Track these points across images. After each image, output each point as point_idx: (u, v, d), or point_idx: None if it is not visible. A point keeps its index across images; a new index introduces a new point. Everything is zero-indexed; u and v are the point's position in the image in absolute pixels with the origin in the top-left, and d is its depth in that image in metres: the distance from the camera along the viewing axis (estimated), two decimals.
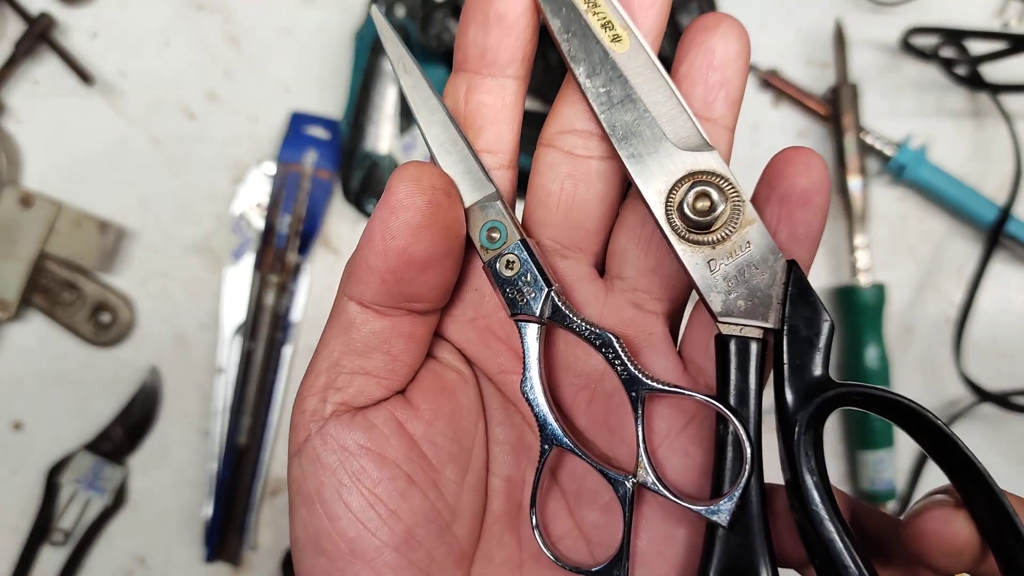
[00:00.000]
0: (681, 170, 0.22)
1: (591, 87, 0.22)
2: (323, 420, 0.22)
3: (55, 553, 0.61)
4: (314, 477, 0.22)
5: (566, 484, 0.24)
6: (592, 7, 0.22)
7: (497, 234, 0.23)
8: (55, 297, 0.61)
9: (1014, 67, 0.61)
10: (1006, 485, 0.65)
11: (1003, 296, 0.64)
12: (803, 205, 0.22)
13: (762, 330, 0.21)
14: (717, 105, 0.23)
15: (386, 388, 0.22)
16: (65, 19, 0.63)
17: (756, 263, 0.21)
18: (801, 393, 0.21)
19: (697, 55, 0.22)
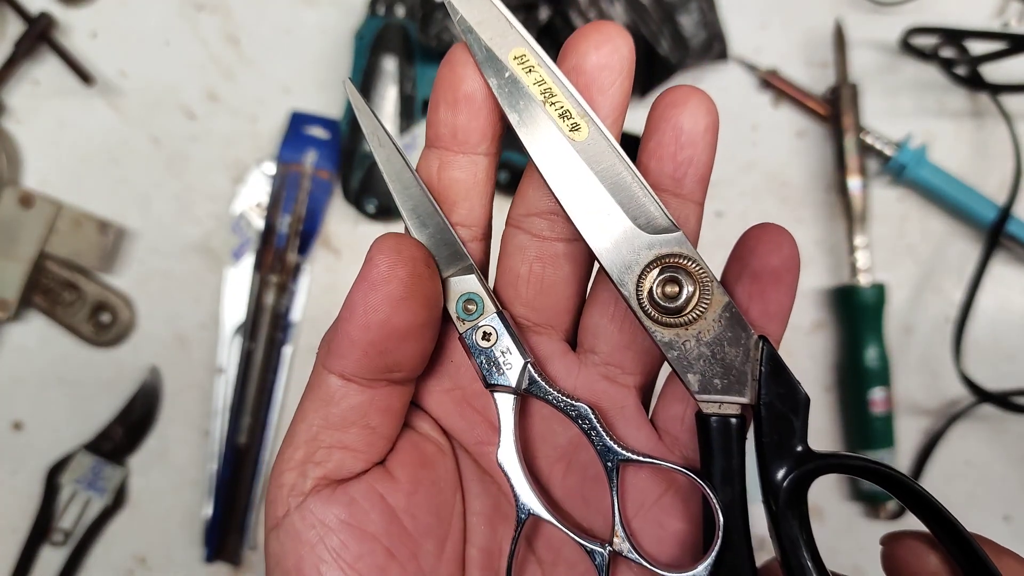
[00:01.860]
0: (649, 255, 0.22)
1: (551, 179, 0.22)
2: (302, 495, 0.22)
3: (55, 553, 0.61)
4: (294, 553, 0.22)
5: (542, 554, 0.24)
6: (549, 97, 0.22)
7: (474, 306, 0.23)
8: (55, 297, 0.61)
9: (1014, 67, 0.61)
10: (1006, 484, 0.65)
11: (1003, 296, 0.64)
12: (774, 283, 0.22)
13: (740, 406, 0.22)
14: (687, 182, 0.23)
15: (365, 461, 0.23)
16: (65, 19, 0.63)
17: (728, 341, 0.22)
18: (782, 468, 0.21)
19: (666, 131, 0.22)
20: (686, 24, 0.60)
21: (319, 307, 0.63)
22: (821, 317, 0.63)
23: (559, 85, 0.22)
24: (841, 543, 0.62)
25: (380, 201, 0.60)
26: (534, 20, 0.58)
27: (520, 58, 0.22)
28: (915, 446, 0.63)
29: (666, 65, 0.60)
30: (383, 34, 0.60)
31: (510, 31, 0.22)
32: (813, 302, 0.63)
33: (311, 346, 0.63)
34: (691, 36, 0.60)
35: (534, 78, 0.22)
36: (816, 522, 0.62)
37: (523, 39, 0.22)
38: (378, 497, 0.22)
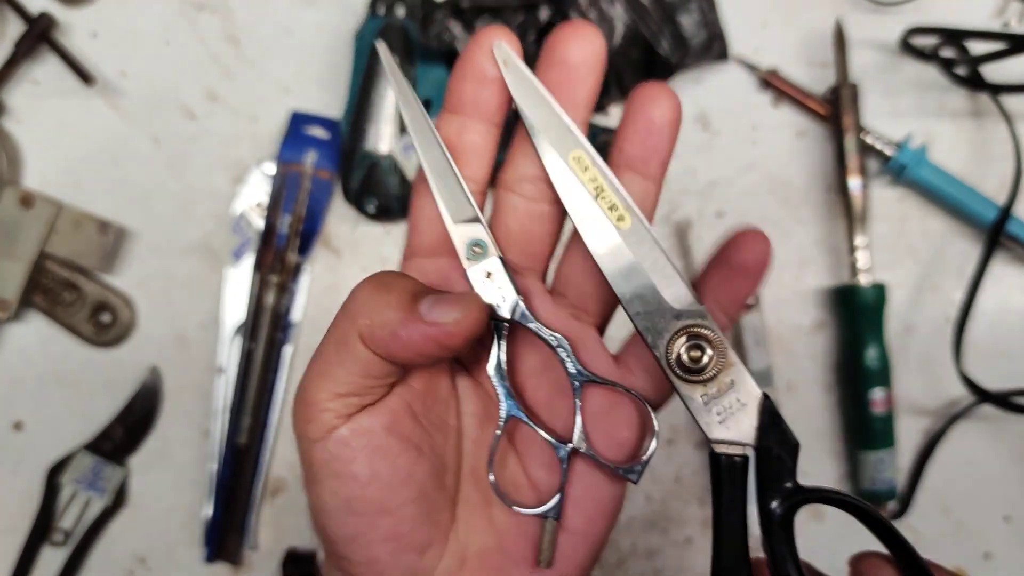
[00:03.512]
0: (677, 325, 0.27)
1: (603, 262, 0.28)
2: (346, 417, 0.26)
3: (55, 553, 0.61)
4: (346, 456, 0.26)
5: (519, 448, 0.30)
6: (600, 193, 0.27)
7: (479, 249, 0.28)
8: (55, 297, 0.61)
9: (1014, 67, 0.61)
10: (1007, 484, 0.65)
11: (1003, 296, 0.64)
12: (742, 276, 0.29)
13: (743, 447, 0.27)
14: (651, 164, 0.29)
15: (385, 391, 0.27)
16: (65, 19, 0.63)
17: (738, 396, 0.27)
18: (776, 499, 0.27)
19: (640, 121, 0.28)
20: (686, 24, 0.60)
21: (319, 307, 0.63)
22: (821, 317, 0.63)
23: (609, 183, 0.27)
24: (840, 544, 0.62)
25: (380, 201, 0.60)
26: (535, 20, 0.58)
27: (578, 159, 0.27)
28: (915, 446, 0.63)
29: (666, 65, 0.60)
30: (383, 34, 0.60)
31: (569, 135, 0.27)
32: (813, 302, 0.63)
33: (311, 346, 0.63)
34: (691, 36, 0.60)
35: (589, 176, 0.27)
36: (816, 523, 0.62)
37: (580, 143, 0.27)
38: (407, 405, 0.28)
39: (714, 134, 0.64)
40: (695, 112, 0.64)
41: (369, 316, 0.26)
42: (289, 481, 0.62)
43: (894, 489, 0.60)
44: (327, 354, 0.27)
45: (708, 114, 0.64)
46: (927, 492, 0.62)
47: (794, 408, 0.63)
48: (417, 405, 0.28)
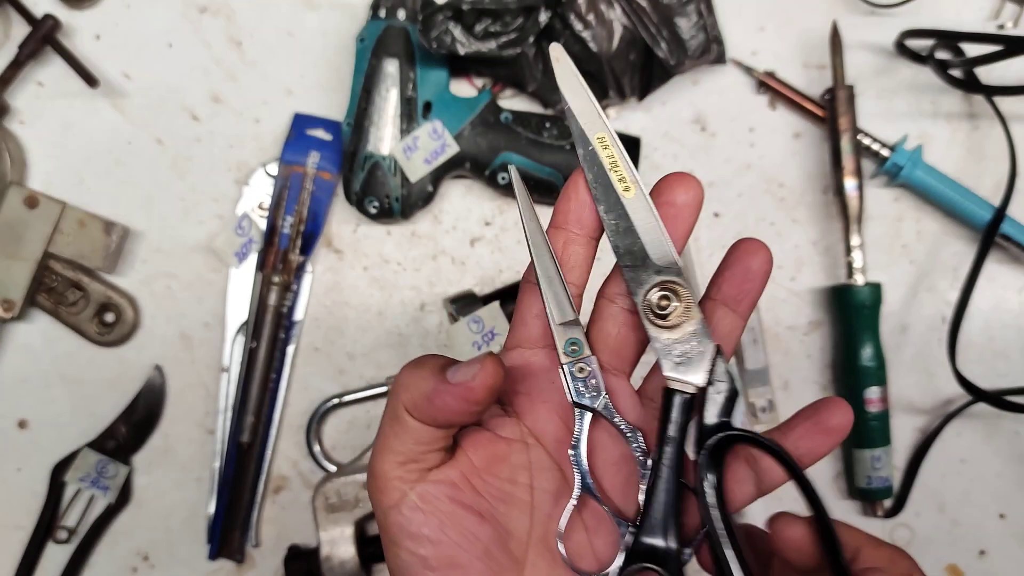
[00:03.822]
0: (656, 279, 0.32)
1: (607, 219, 0.33)
2: (413, 483, 0.31)
3: (59, 551, 0.62)
4: (419, 519, 0.31)
5: (588, 523, 0.34)
6: (613, 167, 0.32)
7: (576, 347, 0.33)
8: (60, 297, 0.62)
9: (1009, 69, 0.61)
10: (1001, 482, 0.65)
11: (998, 296, 0.64)
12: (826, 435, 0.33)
13: (694, 387, 0.32)
14: (743, 304, 0.33)
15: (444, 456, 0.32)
16: (69, 21, 0.64)
17: (695, 343, 0.32)
18: (711, 428, 0.31)
19: (739, 267, 0.33)
20: (684, 27, 0.60)
21: (321, 307, 0.64)
22: (818, 316, 0.64)
23: (623, 160, 0.32)
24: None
25: (381, 202, 0.61)
26: (534, 23, 0.59)
27: (601, 139, 0.33)
28: (910, 444, 0.63)
29: (664, 68, 0.60)
30: (384, 37, 0.60)
31: (598, 120, 0.33)
32: (809, 302, 0.64)
33: (313, 345, 0.64)
34: (689, 39, 0.61)
35: (607, 153, 0.33)
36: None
37: (606, 126, 0.33)
38: (465, 479, 0.32)
39: (711, 135, 0.65)
40: (693, 114, 0.65)
41: (409, 390, 0.31)
42: (291, 479, 0.63)
43: (890, 487, 0.61)
44: (384, 431, 0.32)
45: (705, 116, 0.65)
46: (922, 490, 0.63)
47: (790, 407, 0.63)
48: (476, 479, 0.32)
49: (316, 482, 0.61)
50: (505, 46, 0.59)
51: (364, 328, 0.64)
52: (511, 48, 0.59)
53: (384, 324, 0.64)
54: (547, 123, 0.61)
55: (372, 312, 0.64)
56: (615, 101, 0.63)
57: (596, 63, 0.59)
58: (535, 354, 0.34)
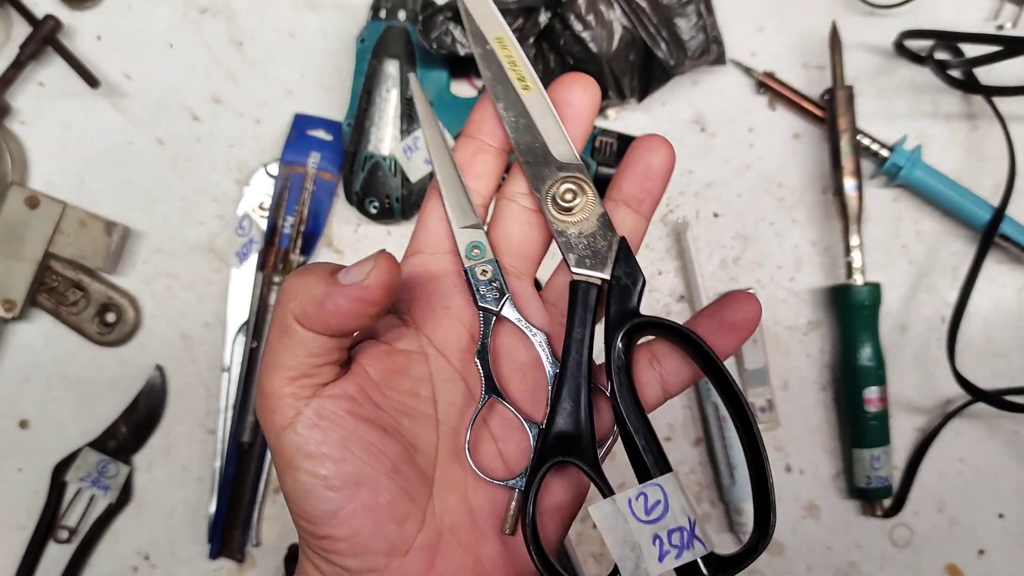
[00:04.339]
0: (559, 175, 0.32)
1: (506, 117, 0.32)
2: (308, 399, 0.29)
3: (61, 550, 0.62)
4: (317, 437, 0.29)
5: (495, 430, 0.33)
6: (512, 65, 0.32)
7: (478, 251, 0.33)
8: (61, 297, 0.62)
9: (1008, 70, 0.61)
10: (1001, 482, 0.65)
11: (997, 295, 0.64)
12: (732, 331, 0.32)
13: (600, 279, 0.32)
14: (644, 203, 0.33)
15: (336, 371, 0.30)
16: (70, 22, 0.64)
17: (600, 236, 0.32)
18: (619, 317, 0.31)
19: (639, 166, 0.33)
20: (684, 28, 0.61)
21: None
22: (817, 316, 0.64)
23: (521, 59, 0.32)
24: (836, 540, 0.63)
25: (382, 202, 0.61)
26: (534, 23, 0.59)
27: (499, 39, 0.33)
28: (910, 444, 0.63)
29: (664, 68, 0.60)
30: (385, 38, 0.60)
31: (497, 22, 0.33)
32: (809, 302, 0.64)
33: None
34: (689, 39, 0.61)
35: (505, 53, 0.32)
36: (812, 519, 0.63)
37: (504, 29, 0.33)
38: (364, 392, 0.30)
39: (711, 136, 0.65)
40: (692, 114, 0.65)
41: (297, 298, 0.28)
42: None
43: (889, 487, 0.61)
44: (272, 345, 0.29)
45: (705, 116, 0.65)
46: (921, 490, 0.63)
47: (790, 406, 0.64)
48: (376, 393, 0.31)
49: None
50: None
51: None
52: None
53: None
54: None
55: None
56: (615, 101, 0.63)
57: (596, 64, 0.60)
58: (437, 259, 0.33)
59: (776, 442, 0.63)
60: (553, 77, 0.61)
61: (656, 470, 0.29)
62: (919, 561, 0.63)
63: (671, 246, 0.64)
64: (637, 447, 0.30)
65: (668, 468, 0.30)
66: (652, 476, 0.29)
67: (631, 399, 0.30)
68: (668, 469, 0.30)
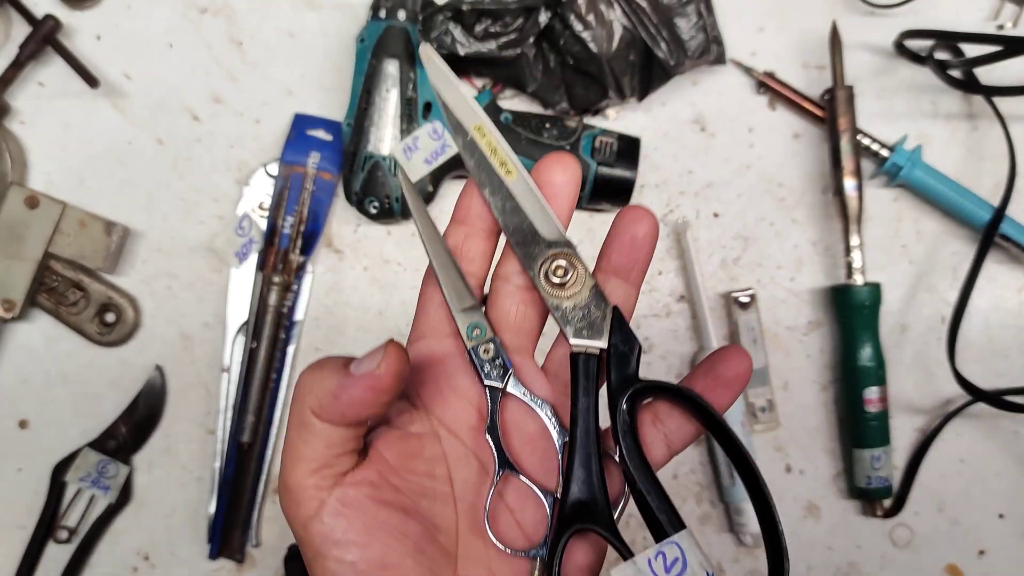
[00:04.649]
0: (548, 252, 0.33)
1: (493, 201, 0.33)
2: (330, 489, 0.30)
3: (60, 550, 0.62)
4: (342, 524, 0.30)
5: (511, 503, 0.34)
6: (493, 152, 0.33)
7: (478, 331, 0.34)
8: (61, 297, 0.62)
9: (1008, 69, 0.61)
10: (1000, 482, 0.65)
11: (997, 295, 0.64)
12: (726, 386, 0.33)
13: (598, 348, 0.33)
14: (633, 272, 0.34)
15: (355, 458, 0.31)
16: (70, 22, 0.64)
17: (594, 306, 0.33)
18: (620, 384, 0.32)
19: (625, 237, 0.34)
20: (684, 28, 0.61)
21: (322, 307, 0.64)
22: (817, 317, 0.64)
23: (501, 145, 0.33)
24: (837, 540, 0.63)
25: (382, 202, 0.61)
26: (534, 23, 0.59)
27: (478, 128, 0.34)
28: (910, 444, 0.63)
29: (664, 68, 0.60)
30: (385, 37, 0.60)
31: (472, 110, 0.34)
32: (809, 302, 0.64)
33: (314, 345, 0.64)
34: (689, 39, 0.61)
35: (485, 141, 0.34)
36: (812, 519, 0.63)
37: (480, 115, 0.34)
38: (383, 477, 0.31)
39: (711, 136, 0.65)
40: (692, 114, 0.65)
41: (313, 392, 0.30)
42: None
43: (889, 487, 0.61)
44: (292, 440, 0.31)
45: (705, 116, 0.65)
46: (922, 490, 0.63)
47: (790, 407, 0.64)
48: (394, 477, 0.32)
49: None
50: (505, 47, 0.59)
51: (365, 328, 0.64)
52: (511, 49, 0.59)
53: (384, 324, 0.64)
54: (547, 123, 0.61)
55: (372, 312, 0.64)
56: (615, 101, 0.63)
57: (596, 63, 0.60)
58: (440, 343, 0.34)
59: (776, 442, 0.63)
60: (553, 77, 0.62)
61: (671, 528, 0.30)
62: (919, 561, 0.63)
63: (671, 246, 0.64)
64: (650, 507, 0.31)
65: (682, 525, 0.30)
66: (668, 534, 0.30)
67: (639, 461, 0.31)
68: (682, 526, 0.30)
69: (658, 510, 0.31)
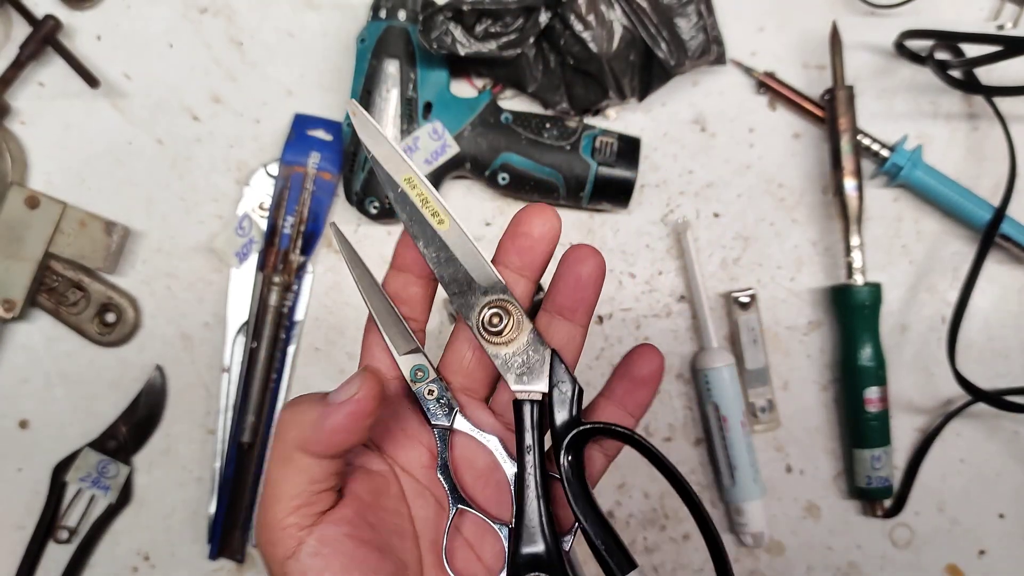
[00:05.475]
0: (484, 300, 0.34)
1: (427, 253, 0.34)
2: (309, 528, 0.31)
3: (60, 550, 0.62)
4: (321, 564, 0.30)
5: (470, 538, 0.35)
6: (424, 203, 0.34)
7: (422, 373, 0.35)
8: (61, 297, 0.62)
9: (1008, 70, 0.61)
10: (1000, 482, 0.65)
11: (997, 295, 0.64)
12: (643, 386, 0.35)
13: (540, 393, 0.33)
14: (578, 312, 0.34)
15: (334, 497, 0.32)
16: (70, 22, 0.64)
17: (532, 351, 0.34)
18: (563, 428, 0.33)
19: (570, 276, 0.34)
20: (684, 28, 0.61)
21: (322, 307, 0.64)
22: (817, 317, 0.64)
23: (432, 196, 0.34)
24: (836, 540, 0.63)
25: (381, 203, 0.61)
26: (534, 23, 0.59)
27: (408, 180, 0.34)
28: (910, 444, 0.63)
29: (664, 68, 0.60)
30: (385, 37, 0.60)
31: (402, 164, 0.34)
32: (809, 302, 0.64)
33: (314, 345, 0.64)
34: (689, 39, 0.61)
35: (416, 192, 0.34)
36: (812, 519, 0.63)
37: (411, 168, 0.34)
38: (360, 515, 0.32)
39: (711, 136, 0.65)
40: (692, 115, 0.65)
41: (296, 426, 0.30)
42: None
43: (890, 487, 0.61)
44: (274, 478, 0.31)
45: (705, 116, 0.65)
46: (922, 490, 0.63)
47: (790, 407, 0.64)
48: (369, 515, 0.32)
49: None
50: (505, 47, 0.59)
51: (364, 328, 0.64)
52: (511, 49, 0.59)
53: None
54: (547, 124, 0.61)
55: None
56: (615, 101, 0.63)
57: (596, 63, 0.60)
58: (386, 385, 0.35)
59: (776, 442, 0.63)
60: (553, 77, 0.62)
61: (621, 571, 0.32)
62: (919, 561, 0.63)
63: (671, 246, 0.64)
64: (600, 550, 0.32)
65: (633, 565, 0.32)
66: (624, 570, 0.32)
67: (588, 506, 0.32)
68: (633, 566, 0.32)
69: (607, 552, 0.32)
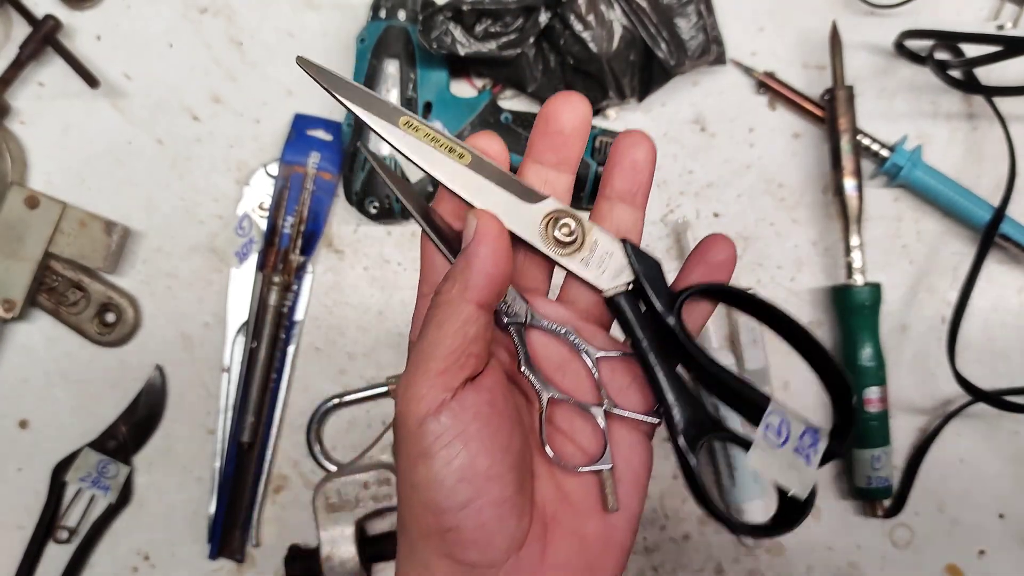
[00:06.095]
0: (539, 216, 0.33)
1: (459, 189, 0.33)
2: (454, 390, 0.30)
3: (60, 550, 0.62)
4: (458, 427, 0.30)
5: (563, 427, 0.35)
6: (435, 142, 0.33)
7: None
8: (61, 297, 0.62)
9: (1008, 70, 0.61)
10: (1000, 482, 0.65)
11: (997, 296, 0.64)
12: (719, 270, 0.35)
13: (626, 284, 0.34)
14: (638, 196, 0.35)
15: (482, 363, 0.32)
16: (70, 22, 0.64)
17: (606, 249, 0.34)
18: (663, 302, 0.34)
19: (626, 162, 0.35)
20: (684, 28, 0.61)
21: (322, 307, 0.64)
22: (817, 317, 0.64)
23: (438, 133, 0.33)
24: (836, 540, 0.63)
25: (382, 203, 0.61)
26: (534, 23, 0.59)
27: (407, 123, 0.33)
28: (910, 444, 0.63)
29: (664, 68, 0.60)
30: (385, 37, 0.60)
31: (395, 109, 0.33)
32: (809, 302, 0.64)
33: (314, 345, 0.64)
34: (689, 39, 0.61)
35: (422, 133, 0.33)
36: (812, 519, 0.63)
37: (405, 112, 0.33)
38: (500, 386, 0.32)
39: (711, 136, 0.65)
40: (693, 114, 0.65)
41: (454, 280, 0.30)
42: (291, 479, 0.63)
43: (889, 487, 0.61)
44: (430, 336, 0.30)
45: (705, 116, 0.65)
46: (922, 490, 0.63)
47: (791, 407, 0.63)
48: (504, 388, 0.32)
49: (316, 482, 0.61)
50: (505, 47, 0.59)
51: (365, 328, 0.64)
52: (511, 49, 0.59)
53: (384, 324, 0.64)
54: None
55: (372, 312, 0.64)
56: (615, 101, 0.63)
57: (596, 63, 0.60)
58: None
59: None
60: (553, 77, 0.62)
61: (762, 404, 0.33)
62: (919, 561, 0.63)
63: (671, 246, 0.64)
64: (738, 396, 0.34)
65: (767, 399, 0.33)
66: (761, 411, 0.33)
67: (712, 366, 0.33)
68: (767, 400, 0.33)
69: (744, 396, 0.34)
